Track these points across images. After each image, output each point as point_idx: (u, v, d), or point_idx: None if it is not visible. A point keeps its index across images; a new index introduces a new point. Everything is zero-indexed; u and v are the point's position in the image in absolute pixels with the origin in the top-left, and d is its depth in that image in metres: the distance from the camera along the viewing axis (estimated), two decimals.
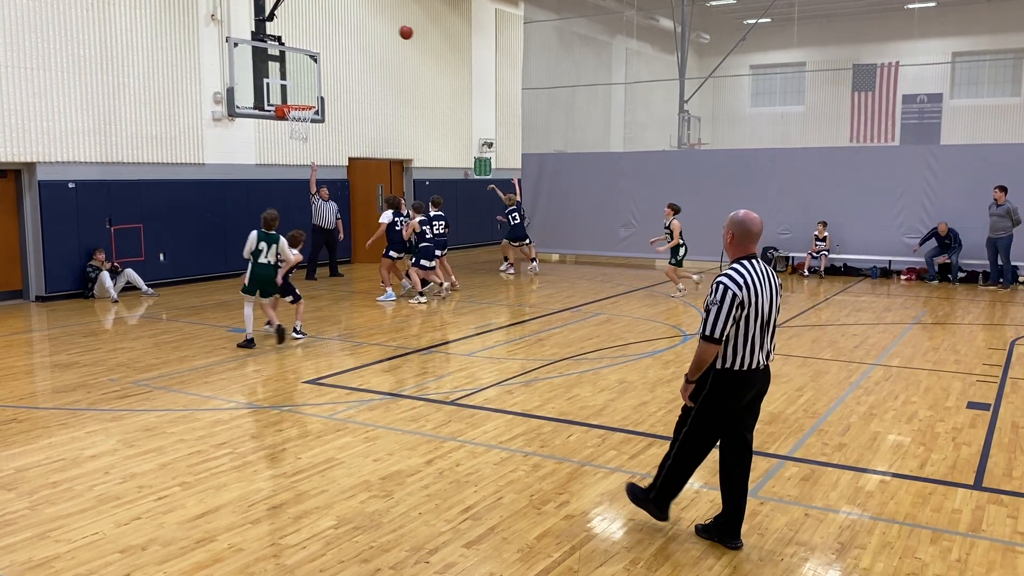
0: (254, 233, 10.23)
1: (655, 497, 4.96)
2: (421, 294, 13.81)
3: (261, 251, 10.12)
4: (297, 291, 10.85)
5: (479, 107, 24.31)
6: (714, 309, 4.51)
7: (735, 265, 4.61)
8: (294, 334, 10.76)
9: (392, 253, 14.14)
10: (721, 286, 4.52)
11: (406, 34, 14.67)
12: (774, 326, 4.70)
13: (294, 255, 10.57)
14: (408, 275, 14.30)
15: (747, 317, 4.53)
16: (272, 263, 10.21)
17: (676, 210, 14.60)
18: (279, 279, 10.34)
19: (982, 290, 15.50)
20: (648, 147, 25.70)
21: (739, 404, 4.73)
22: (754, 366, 4.62)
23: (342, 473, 5.97)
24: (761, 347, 4.63)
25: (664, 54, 29.12)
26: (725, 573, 4.50)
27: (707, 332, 4.53)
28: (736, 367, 4.60)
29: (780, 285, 4.75)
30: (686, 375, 4.73)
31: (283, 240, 10.24)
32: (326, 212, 16.96)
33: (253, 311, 10.46)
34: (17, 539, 4.91)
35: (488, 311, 13.19)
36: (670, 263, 14.73)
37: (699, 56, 30.66)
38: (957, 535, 4.95)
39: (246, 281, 10.36)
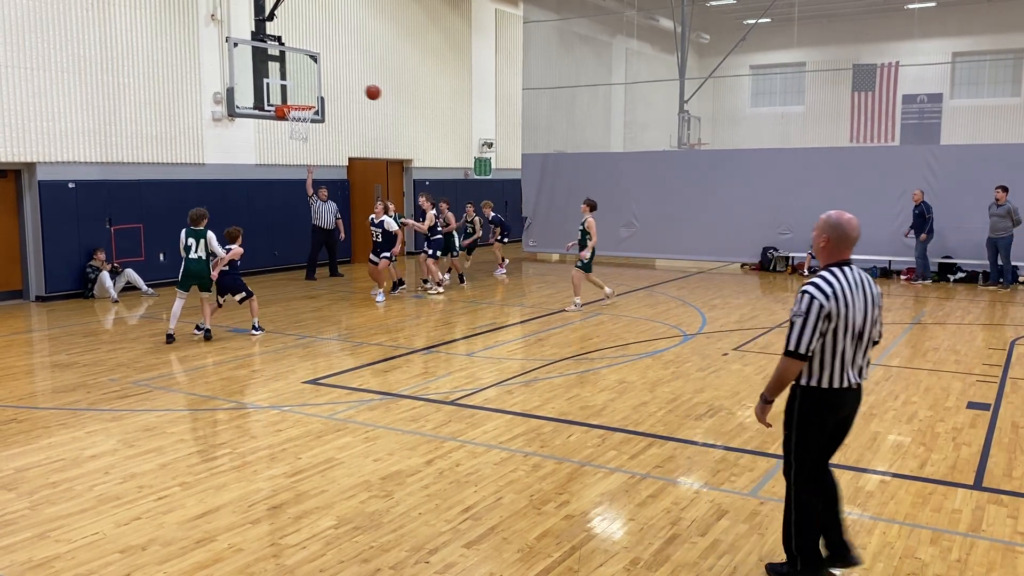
0: (183, 231, 10.63)
1: (802, 567, 4.29)
2: (439, 284, 14.77)
3: (190, 247, 10.45)
4: (248, 288, 11.08)
5: (479, 107, 24.31)
6: (798, 322, 4.04)
7: (824, 272, 4.13)
8: (252, 331, 11.09)
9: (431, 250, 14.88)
10: (807, 296, 4.04)
11: (373, 94, 14.33)
12: (869, 340, 4.21)
13: (232, 249, 10.77)
14: (429, 267, 14.83)
15: (835, 330, 4.05)
16: (202, 258, 10.48)
17: (592, 207, 13.00)
18: (213, 274, 10.59)
19: (982, 290, 15.50)
20: (648, 147, 25.69)
21: (830, 425, 4.24)
22: (844, 384, 4.13)
23: (342, 473, 5.97)
24: (852, 363, 4.14)
25: (664, 54, 29.12)
26: (725, 573, 4.50)
27: (791, 347, 4.06)
28: (823, 384, 4.12)
29: (880, 294, 4.27)
30: (763, 394, 4.24)
31: (211, 235, 10.47)
32: (325, 212, 16.91)
33: (182, 307, 10.77)
34: (17, 539, 4.91)
35: (488, 311, 13.19)
36: (577, 267, 13.03)
37: (699, 56, 30.65)
38: (957, 535, 4.95)
39: (179, 276, 10.74)
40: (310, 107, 14.22)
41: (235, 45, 13.43)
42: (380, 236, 14.15)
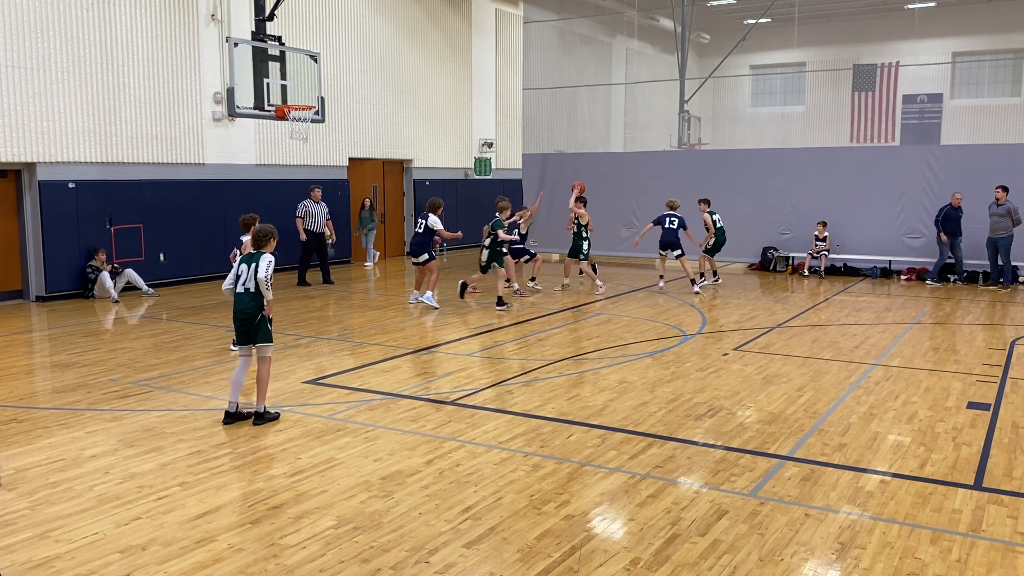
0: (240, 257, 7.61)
1: None
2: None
3: (240, 274, 7.24)
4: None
5: (479, 107, 24.31)
6: None
7: None
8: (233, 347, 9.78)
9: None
10: None
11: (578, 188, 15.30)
12: None
13: (243, 242, 9.13)
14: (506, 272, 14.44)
15: None
16: (251, 290, 7.19)
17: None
18: (268, 310, 7.25)
19: (982, 290, 15.49)
20: (649, 147, 25.68)
21: None
22: None
23: (342, 473, 5.97)
24: None
25: (664, 54, 29.11)
26: (725, 573, 4.50)
27: None
28: None
29: None
30: None
31: (265, 259, 7.19)
32: (316, 215, 15.92)
33: (245, 370, 7.38)
34: (17, 539, 4.91)
35: (488, 311, 13.18)
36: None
37: (699, 56, 30.65)
38: (957, 535, 4.95)
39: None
40: (310, 107, 14.23)
41: (235, 45, 13.44)
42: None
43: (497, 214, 13.60)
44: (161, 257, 15.68)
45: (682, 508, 5.33)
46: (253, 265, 7.17)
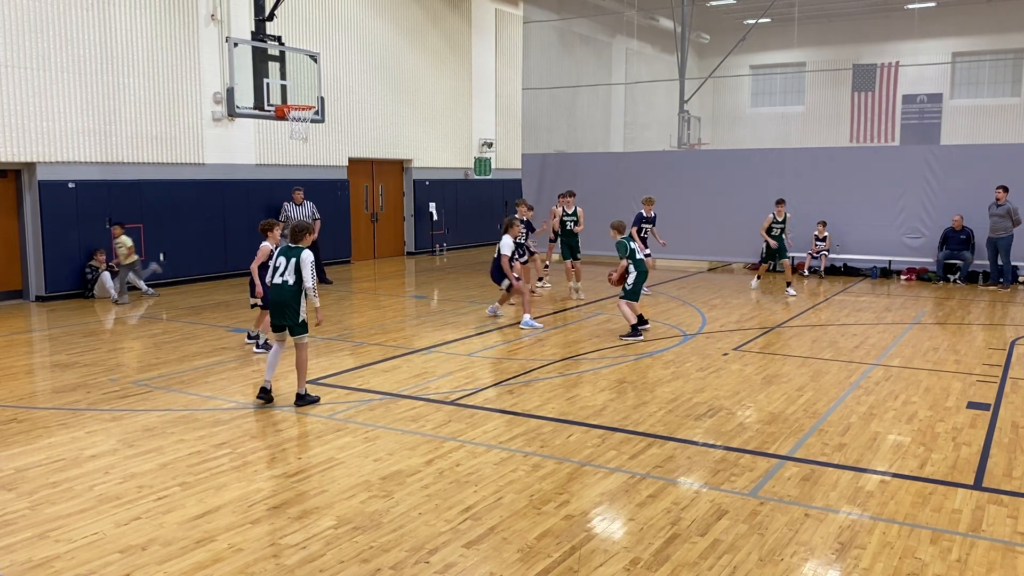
0: (276, 248, 8.19)
1: None
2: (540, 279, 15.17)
3: (278, 267, 7.73)
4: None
5: (479, 107, 24.32)
6: None
7: None
8: (249, 340, 10.30)
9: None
10: None
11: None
12: None
13: (261, 248, 9.44)
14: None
15: None
16: (288, 283, 7.66)
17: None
18: (316, 311, 7.88)
19: (982, 290, 15.49)
20: (648, 147, 25.70)
21: None
22: None
23: (342, 473, 5.97)
24: None
25: (664, 54, 29.13)
26: (725, 573, 4.50)
27: None
28: None
29: None
30: None
31: (305, 256, 7.65)
32: (300, 217, 15.83)
33: (279, 355, 7.96)
34: (17, 539, 4.91)
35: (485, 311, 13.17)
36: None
37: (699, 56, 30.66)
38: (957, 535, 4.95)
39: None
40: (310, 107, 14.23)
41: (235, 45, 13.43)
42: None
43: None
44: (161, 257, 15.67)
45: (682, 508, 5.33)
46: (293, 260, 7.67)
